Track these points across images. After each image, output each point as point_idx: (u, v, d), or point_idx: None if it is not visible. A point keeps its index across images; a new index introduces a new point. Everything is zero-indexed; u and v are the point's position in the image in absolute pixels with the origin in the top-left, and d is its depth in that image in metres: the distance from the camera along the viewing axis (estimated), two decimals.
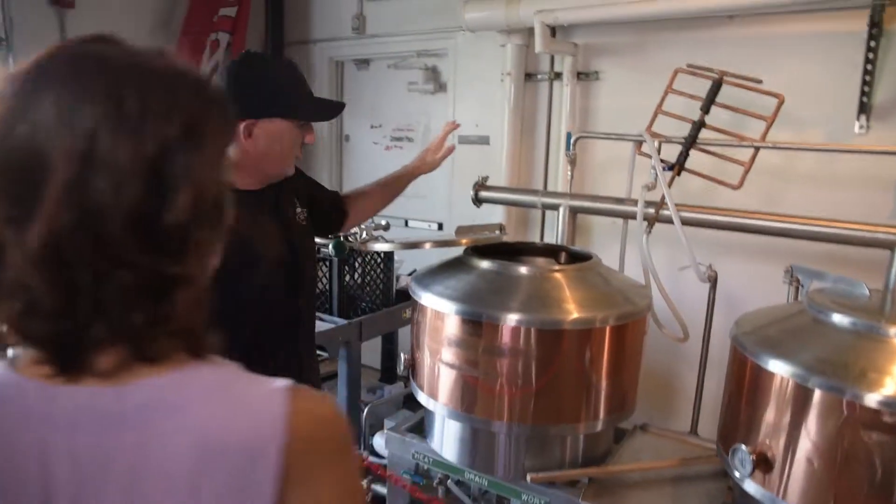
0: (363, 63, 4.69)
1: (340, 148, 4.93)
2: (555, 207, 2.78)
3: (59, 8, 3.98)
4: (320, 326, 2.86)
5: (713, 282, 2.46)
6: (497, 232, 2.93)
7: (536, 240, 3.82)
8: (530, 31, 3.63)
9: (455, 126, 2.40)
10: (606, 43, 3.56)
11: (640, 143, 2.67)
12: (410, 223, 4.56)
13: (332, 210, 2.19)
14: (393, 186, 2.38)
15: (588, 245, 3.33)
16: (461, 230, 2.69)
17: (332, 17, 4.69)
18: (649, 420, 2.48)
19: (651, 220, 2.46)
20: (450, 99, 4.22)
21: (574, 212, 2.76)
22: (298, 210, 1.89)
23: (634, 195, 2.71)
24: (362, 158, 4.83)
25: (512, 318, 1.99)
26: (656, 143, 2.51)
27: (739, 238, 2.57)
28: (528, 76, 3.80)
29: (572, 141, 2.81)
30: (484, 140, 4.08)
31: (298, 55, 4.89)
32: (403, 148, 4.60)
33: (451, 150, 2.38)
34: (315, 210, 2.04)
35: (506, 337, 2.01)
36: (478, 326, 2.06)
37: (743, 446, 1.67)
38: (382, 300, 3.34)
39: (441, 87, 4.28)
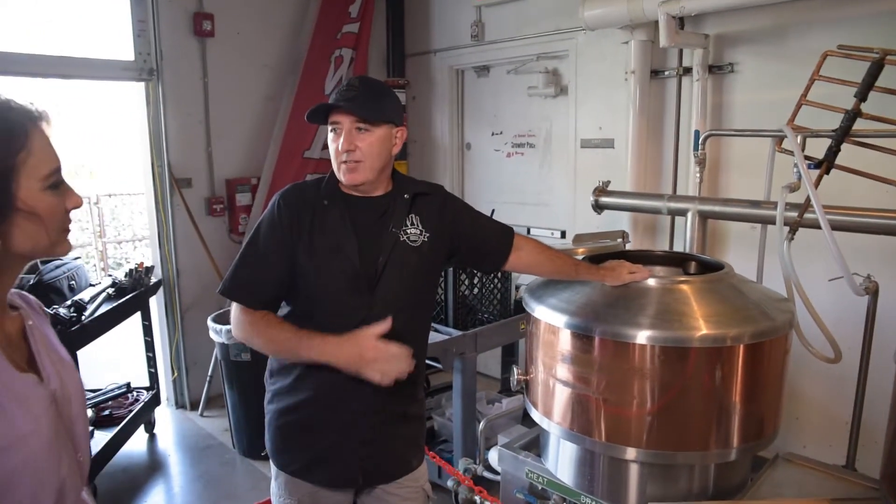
0: (483, 70, 4.65)
1: (462, 156, 4.91)
2: (683, 213, 2.57)
3: (201, 37, 4.27)
4: (434, 338, 2.82)
5: (873, 294, 2.15)
6: (619, 240, 2.77)
7: (665, 248, 3.58)
8: (655, 25, 3.41)
9: (647, 275, 2.07)
10: (741, 31, 3.27)
11: (780, 139, 2.40)
12: (533, 231, 4.44)
13: (491, 246, 1.94)
14: (564, 266, 2.05)
15: (722, 254, 3.06)
16: (579, 238, 2.56)
17: (450, 27, 4.70)
18: (795, 449, 2.20)
19: (794, 225, 2.19)
20: (571, 102, 4.06)
21: (704, 217, 2.53)
22: (412, 230, 1.81)
23: (774, 197, 2.44)
24: (484, 166, 4.78)
25: (631, 334, 1.84)
26: (800, 139, 2.23)
27: None
28: (654, 73, 3.57)
29: (701, 140, 2.57)
30: (608, 143, 3.88)
31: (419, 66, 4.95)
32: (525, 154, 4.50)
33: (644, 276, 2.05)
34: (465, 245, 1.89)
35: (624, 354, 1.85)
36: (592, 342, 1.93)
37: None
38: (500, 311, 3.25)
39: (562, 90, 4.14)
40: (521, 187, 4.54)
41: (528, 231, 4.45)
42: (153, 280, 4.06)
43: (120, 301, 3.64)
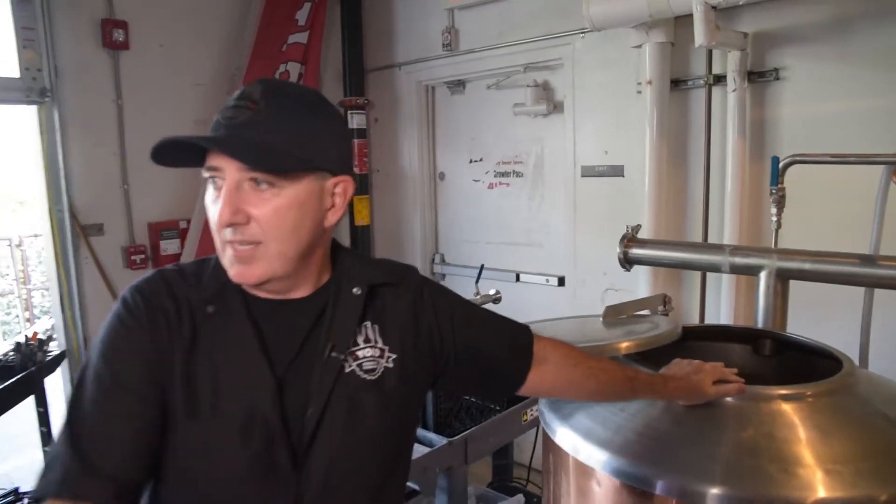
0: (458, 85, 3.91)
1: (434, 188, 4.15)
2: (754, 272, 1.83)
3: (112, 50, 3.46)
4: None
5: None
6: (660, 308, 2.03)
7: (695, 311, 2.85)
8: (674, 24, 2.72)
9: (743, 390, 1.34)
10: (787, 27, 2.59)
11: None
12: (523, 277, 3.69)
13: (499, 363, 1.17)
14: (613, 383, 1.27)
15: (798, 325, 2.17)
16: (612, 311, 1.80)
17: (418, 35, 3.95)
18: None
19: None
20: (568, 121, 3.34)
21: (785, 277, 1.80)
22: (367, 350, 1.03)
23: (888, 249, 1.73)
24: (461, 199, 4.02)
25: (705, 492, 1.18)
26: None
27: None
28: (675, 83, 2.87)
29: (780, 167, 1.85)
30: (616, 171, 3.16)
31: (381, 82, 4.19)
32: (511, 185, 3.75)
33: (739, 390, 1.34)
34: (457, 365, 1.12)
35: None
36: (651, 500, 1.25)
37: None
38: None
39: (556, 107, 3.41)
40: (507, 224, 3.79)
41: (518, 278, 3.69)
42: (52, 353, 3.23)
43: (4, 384, 2.82)
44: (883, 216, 1.75)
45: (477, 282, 2.53)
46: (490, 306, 2.57)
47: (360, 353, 1.02)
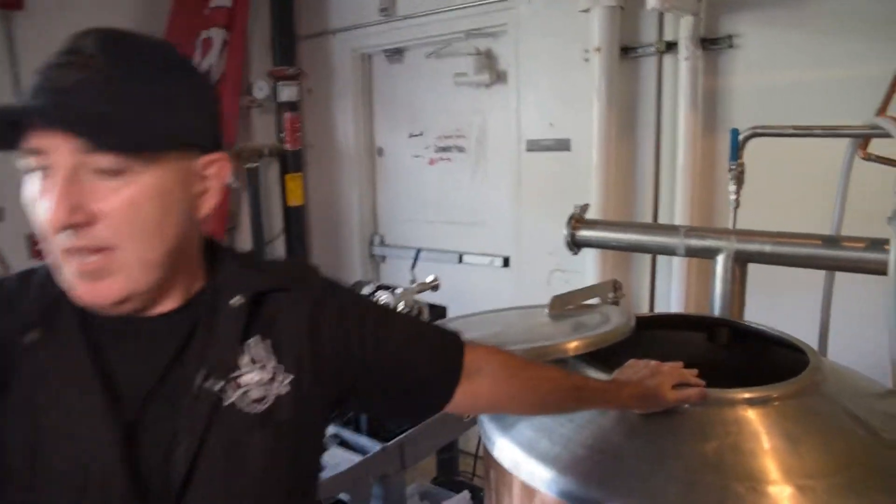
0: (396, 54, 3.64)
1: (373, 164, 3.89)
2: (710, 254, 1.67)
3: (2, 10, 3.08)
4: (341, 461, 1.81)
5: None
6: (610, 294, 1.86)
7: (645, 296, 2.71)
8: None
9: (704, 396, 1.17)
10: None
11: (864, 142, 1.55)
12: (466, 258, 3.49)
13: (420, 378, 0.96)
14: (558, 392, 1.07)
15: (751, 308, 1.98)
16: (558, 302, 1.62)
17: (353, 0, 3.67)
18: None
19: None
20: (512, 92, 3.13)
21: (744, 261, 1.65)
22: (252, 374, 0.79)
23: (851, 229, 1.60)
24: (401, 176, 3.78)
25: None
26: None
27: None
28: (625, 51, 2.69)
29: (740, 141, 1.69)
30: (563, 145, 2.98)
31: (314, 50, 3.89)
32: (453, 160, 3.53)
33: (700, 395, 1.17)
34: (367, 384, 0.91)
35: None
36: None
37: None
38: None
39: (499, 76, 3.20)
40: (449, 202, 3.57)
41: (461, 259, 3.50)
42: None
43: None
44: (845, 194, 1.61)
45: (413, 268, 2.32)
46: (428, 295, 2.37)
47: (244, 380, 0.79)
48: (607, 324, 1.42)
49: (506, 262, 3.34)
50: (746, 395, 1.17)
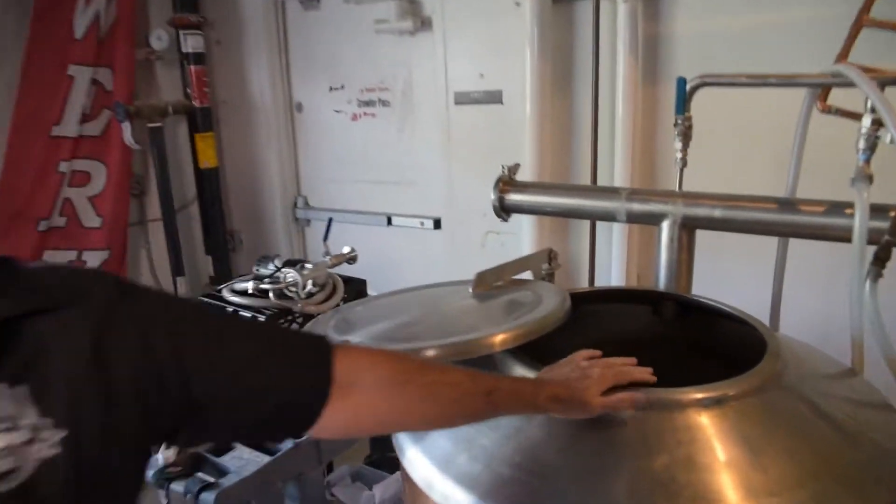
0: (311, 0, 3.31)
1: (291, 121, 3.57)
2: (655, 220, 1.50)
3: None
4: (245, 465, 1.59)
5: None
6: (544, 266, 1.68)
7: (584, 265, 2.54)
8: None
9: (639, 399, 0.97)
10: None
11: (824, 92, 1.38)
12: (396, 220, 3.26)
13: (270, 399, 0.74)
14: (457, 400, 0.88)
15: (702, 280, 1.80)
16: (483, 279, 1.42)
17: None
18: None
19: (886, 249, 1.19)
20: (438, 40, 2.86)
21: (691, 227, 1.48)
22: (4, 440, 0.54)
23: (805, 192, 1.45)
24: (322, 133, 3.48)
25: None
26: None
27: None
28: None
29: (687, 91, 1.49)
30: (494, 98, 2.75)
31: None
32: (377, 115, 3.25)
33: (631, 402, 0.98)
34: (199, 414, 0.69)
35: None
36: None
37: None
38: None
39: (424, 23, 2.92)
40: (374, 161, 3.31)
41: (389, 221, 3.26)
42: None
43: None
44: (801, 152, 1.44)
45: (325, 239, 2.08)
46: (345, 267, 2.14)
47: None
48: (539, 307, 1.22)
49: (437, 224, 3.13)
50: (699, 396, 1.01)
